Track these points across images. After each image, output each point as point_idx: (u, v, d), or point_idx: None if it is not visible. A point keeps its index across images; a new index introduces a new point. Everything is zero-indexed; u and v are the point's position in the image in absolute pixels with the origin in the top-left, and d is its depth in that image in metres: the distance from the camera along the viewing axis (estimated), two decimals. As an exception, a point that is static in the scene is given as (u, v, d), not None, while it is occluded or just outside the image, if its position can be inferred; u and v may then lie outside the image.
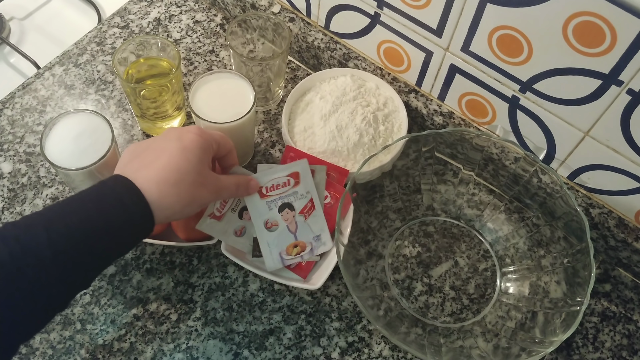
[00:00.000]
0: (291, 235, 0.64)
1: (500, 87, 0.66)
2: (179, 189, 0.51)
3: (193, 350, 0.63)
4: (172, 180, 0.50)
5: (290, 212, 0.63)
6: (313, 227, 0.64)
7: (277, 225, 0.63)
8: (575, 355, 0.66)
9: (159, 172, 0.50)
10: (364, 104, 0.72)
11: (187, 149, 0.52)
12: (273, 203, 0.63)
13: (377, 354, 0.64)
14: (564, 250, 0.64)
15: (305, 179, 0.64)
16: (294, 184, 0.63)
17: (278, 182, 0.63)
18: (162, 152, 0.52)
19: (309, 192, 0.64)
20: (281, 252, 0.64)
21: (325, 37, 0.79)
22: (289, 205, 0.63)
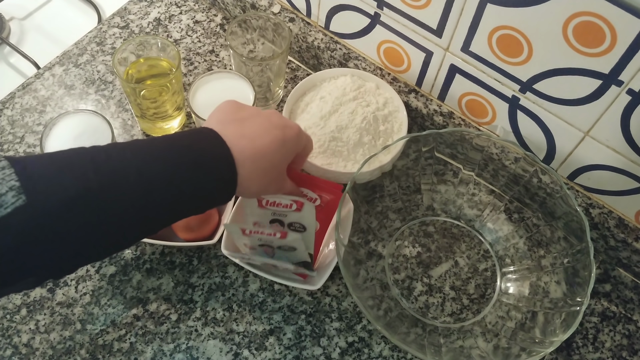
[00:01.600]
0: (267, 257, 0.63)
1: (500, 87, 0.66)
2: (263, 177, 0.52)
3: (193, 351, 0.63)
4: (263, 167, 0.51)
5: (279, 227, 0.63)
6: (291, 256, 0.62)
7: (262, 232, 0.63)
8: (575, 355, 0.66)
9: (256, 151, 0.51)
10: (364, 104, 0.72)
11: (286, 144, 0.53)
12: (268, 212, 0.63)
13: (377, 354, 0.64)
14: (564, 251, 0.64)
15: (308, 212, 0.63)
16: (296, 209, 0.63)
17: (280, 202, 0.62)
18: (264, 132, 0.52)
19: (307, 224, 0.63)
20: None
21: (325, 37, 0.79)
22: (281, 222, 0.63)
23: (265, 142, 0.51)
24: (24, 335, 0.63)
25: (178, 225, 0.66)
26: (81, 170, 0.43)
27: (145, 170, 0.45)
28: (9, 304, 0.65)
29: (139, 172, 0.45)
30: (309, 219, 0.62)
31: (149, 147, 0.47)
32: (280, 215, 0.62)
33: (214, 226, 0.67)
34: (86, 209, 0.42)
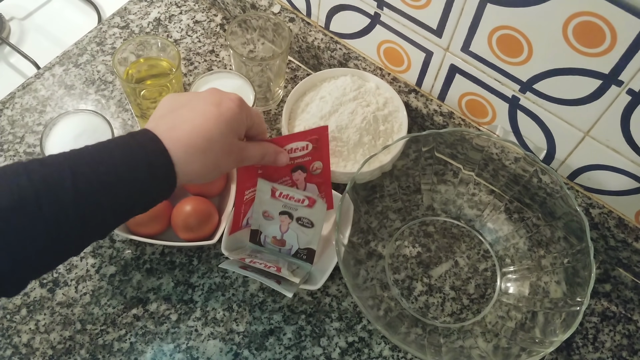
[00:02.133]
0: (279, 232, 0.66)
1: (500, 87, 0.66)
2: (205, 157, 0.50)
3: (193, 351, 0.63)
4: (201, 147, 0.50)
5: (288, 219, 0.64)
6: (300, 237, 0.65)
7: (272, 217, 0.65)
8: (575, 355, 0.66)
9: (190, 135, 0.50)
10: (364, 104, 0.72)
11: (223, 118, 0.51)
12: (279, 203, 0.64)
13: (377, 354, 0.64)
14: (564, 251, 0.64)
15: (318, 212, 0.64)
16: (307, 204, 0.63)
17: (293, 195, 0.63)
18: (198, 114, 0.51)
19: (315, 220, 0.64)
20: (266, 236, 0.66)
21: (325, 37, 0.79)
22: (290, 214, 0.64)
23: (197, 123, 0.51)
24: (24, 335, 0.63)
25: (178, 225, 0.66)
26: (14, 178, 0.42)
27: (80, 174, 0.44)
28: (9, 304, 0.65)
29: (74, 175, 0.44)
30: (318, 217, 0.63)
31: (82, 152, 0.47)
32: (290, 208, 0.63)
33: (214, 226, 0.67)
34: (22, 217, 0.42)
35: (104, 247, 0.69)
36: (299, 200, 0.63)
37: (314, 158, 0.65)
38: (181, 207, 0.66)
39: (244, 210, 0.67)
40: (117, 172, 0.46)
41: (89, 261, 0.68)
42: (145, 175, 0.48)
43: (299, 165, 0.65)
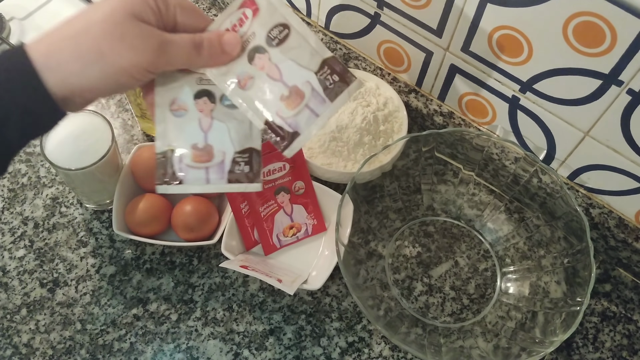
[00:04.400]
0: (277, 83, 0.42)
1: (500, 87, 0.66)
2: (76, 41, 0.38)
3: (193, 350, 0.63)
4: (70, 33, 0.39)
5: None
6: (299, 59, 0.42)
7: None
8: (575, 355, 0.66)
9: (57, 29, 0.39)
10: (364, 104, 0.72)
11: (105, 1, 0.39)
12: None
13: (377, 354, 0.64)
14: (564, 251, 0.64)
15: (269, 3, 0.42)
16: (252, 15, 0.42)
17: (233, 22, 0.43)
18: (82, 9, 0.40)
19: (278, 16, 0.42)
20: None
21: (325, 37, 0.79)
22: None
23: (73, 15, 0.40)
24: (24, 335, 0.63)
25: (178, 225, 0.66)
26: None
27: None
28: (9, 304, 0.65)
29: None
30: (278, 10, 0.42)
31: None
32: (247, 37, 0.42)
33: (214, 226, 0.67)
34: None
35: (104, 247, 0.69)
36: (241, 19, 0.43)
37: (294, 178, 0.65)
38: (181, 207, 0.66)
39: (249, 224, 0.67)
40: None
41: (89, 261, 0.68)
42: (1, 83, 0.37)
43: (281, 186, 0.64)
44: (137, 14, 0.39)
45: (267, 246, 0.68)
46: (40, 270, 0.67)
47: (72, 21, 0.39)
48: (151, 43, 0.39)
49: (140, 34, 0.39)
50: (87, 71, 0.38)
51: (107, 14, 0.38)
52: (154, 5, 0.40)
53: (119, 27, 0.38)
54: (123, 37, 0.38)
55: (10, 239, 0.69)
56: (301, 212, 0.69)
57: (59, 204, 0.71)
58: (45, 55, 0.38)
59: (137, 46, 0.39)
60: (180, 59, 0.41)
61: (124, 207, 0.66)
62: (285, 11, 0.41)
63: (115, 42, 0.38)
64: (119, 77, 0.39)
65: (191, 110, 0.42)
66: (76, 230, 0.70)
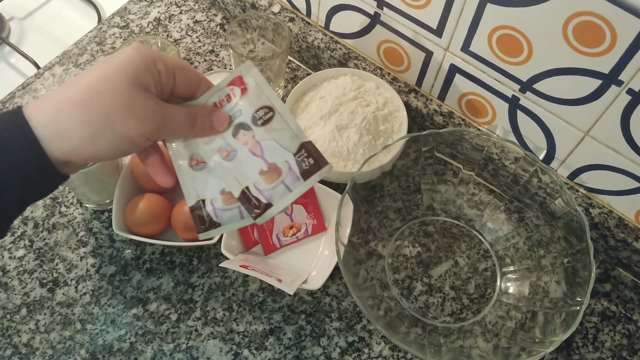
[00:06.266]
0: (258, 159, 0.45)
1: (500, 87, 0.66)
2: (85, 111, 0.38)
3: (193, 350, 0.63)
4: (78, 99, 0.38)
5: (245, 132, 0.46)
6: (280, 139, 0.45)
7: (234, 150, 0.46)
8: (575, 355, 0.66)
9: (63, 91, 0.39)
10: (364, 104, 0.72)
11: (112, 66, 0.39)
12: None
13: (377, 353, 0.64)
14: (564, 250, 0.64)
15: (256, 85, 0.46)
16: (241, 91, 0.46)
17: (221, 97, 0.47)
18: (83, 73, 0.40)
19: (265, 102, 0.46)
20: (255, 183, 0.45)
21: (325, 37, 0.79)
22: (242, 125, 0.46)
23: (82, 77, 0.39)
24: (24, 335, 0.63)
25: (178, 225, 0.66)
26: None
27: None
28: (9, 303, 0.65)
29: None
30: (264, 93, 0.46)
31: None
32: (233, 114, 0.46)
33: (214, 226, 0.67)
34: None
35: (104, 247, 0.69)
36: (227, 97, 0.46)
37: None
38: (181, 207, 0.66)
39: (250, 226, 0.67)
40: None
41: (89, 261, 0.68)
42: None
43: None
44: (141, 83, 0.40)
45: (267, 246, 0.68)
46: (40, 270, 0.67)
47: (76, 86, 0.39)
48: (156, 115, 0.41)
49: (146, 106, 0.40)
50: (96, 139, 0.39)
51: (114, 82, 0.39)
52: (156, 73, 0.41)
53: (127, 97, 0.39)
54: (131, 107, 0.39)
55: (10, 238, 0.69)
56: (301, 212, 0.69)
57: (58, 203, 0.71)
58: (53, 122, 0.38)
59: (144, 118, 0.40)
60: (176, 131, 0.43)
61: (124, 207, 0.66)
62: (271, 95, 0.46)
63: (124, 112, 0.39)
64: (124, 144, 0.40)
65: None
66: (76, 230, 0.70)
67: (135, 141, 0.41)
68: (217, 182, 0.46)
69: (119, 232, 0.64)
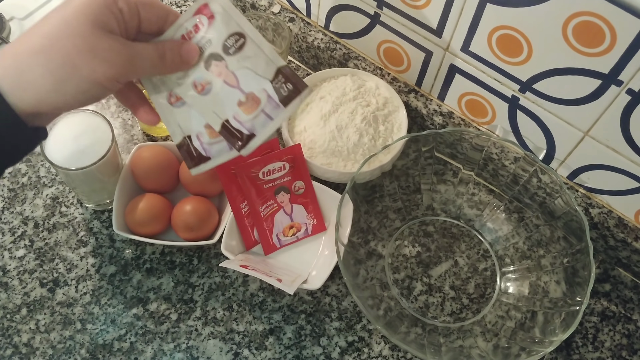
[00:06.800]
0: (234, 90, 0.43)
1: (500, 87, 0.66)
2: (46, 57, 0.37)
3: (193, 350, 0.63)
4: (36, 47, 0.37)
5: (217, 62, 0.44)
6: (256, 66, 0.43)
7: (208, 83, 0.44)
8: (575, 355, 0.66)
9: (22, 42, 0.38)
10: (363, 104, 0.72)
11: (69, 11, 0.38)
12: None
13: (377, 353, 0.64)
14: (564, 250, 0.64)
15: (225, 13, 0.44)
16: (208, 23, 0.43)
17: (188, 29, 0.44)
18: (40, 22, 0.39)
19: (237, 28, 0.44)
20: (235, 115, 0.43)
21: (325, 37, 0.79)
22: (214, 55, 0.44)
23: (39, 26, 0.38)
24: (24, 335, 0.63)
25: (178, 225, 0.66)
26: None
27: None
28: (9, 303, 0.65)
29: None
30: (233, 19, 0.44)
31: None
32: (202, 45, 0.44)
33: (214, 226, 0.67)
34: None
35: (104, 247, 0.69)
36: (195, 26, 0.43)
37: (294, 177, 0.65)
38: (181, 207, 0.66)
39: (249, 223, 0.67)
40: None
41: (89, 261, 0.68)
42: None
43: (281, 186, 0.64)
44: (103, 24, 0.39)
45: (267, 246, 0.68)
46: (40, 270, 0.67)
47: (35, 34, 0.38)
48: (122, 56, 0.39)
49: (110, 48, 0.39)
50: (61, 87, 0.38)
51: (73, 26, 0.37)
52: (117, 12, 0.40)
53: (89, 40, 0.38)
54: (94, 51, 0.38)
55: (11, 238, 0.69)
56: (301, 212, 0.69)
57: (59, 203, 0.71)
58: (14, 74, 0.37)
59: (109, 59, 0.39)
60: (146, 69, 0.42)
61: (124, 207, 0.67)
62: (240, 20, 0.43)
63: (87, 56, 0.38)
64: (92, 89, 0.39)
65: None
66: (76, 230, 0.70)
67: (104, 84, 0.40)
68: (199, 117, 0.44)
69: (119, 232, 0.64)
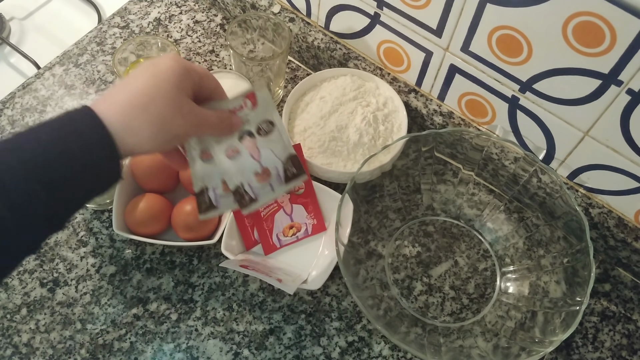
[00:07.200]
0: (255, 162, 0.55)
1: (500, 87, 0.66)
2: (147, 112, 0.45)
3: (193, 350, 0.63)
4: (140, 104, 0.45)
5: (250, 138, 0.55)
6: (275, 150, 0.55)
7: (237, 152, 0.54)
8: (575, 355, 0.66)
9: (125, 97, 0.45)
10: (363, 104, 0.72)
11: (160, 74, 0.47)
12: None
13: (377, 353, 0.64)
14: (564, 250, 0.64)
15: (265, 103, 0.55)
16: (252, 104, 0.54)
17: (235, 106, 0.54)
18: (132, 79, 0.47)
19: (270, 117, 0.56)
20: (249, 182, 0.54)
21: (325, 37, 0.79)
22: (248, 132, 0.55)
23: (133, 83, 0.46)
24: (24, 335, 0.63)
25: (178, 225, 0.66)
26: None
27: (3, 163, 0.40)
28: (9, 303, 0.65)
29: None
30: (268, 109, 0.55)
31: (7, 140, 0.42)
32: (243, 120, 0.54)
33: (214, 226, 0.68)
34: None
35: (104, 247, 0.69)
36: (241, 107, 0.54)
37: None
38: (181, 207, 0.66)
39: (249, 224, 0.67)
40: (48, 156, 0.41)
41: (89, 261, 0.68)
42: (79, 149, 0.42)
43: None
44: (184, 90, 0.48)
45: (267, 246, 0.68)
46: (40, 270, 0.67)
47: (133, 90, 0.45)
48: (197, 117, 0.49)
49: (189, 110, 0.48)
50: (155, 136, 0.46)
51: (166, 90, 0.46)
52: (191, 79, 0.49)
53: (177, 102, 0.47)
54: (180, 112, 0.47)
55: (11, 238, 0.69)
56: (301, 212, 0.69)
57: (59, 203, 0.71)
58: (123, 121, 0.44)
59: (188, 119, 0.48)
60: (207, 130, 0.51)
61: (124, 207, 0.67)
62: (274, 112, 0.55)
63: (175, 114, 0.46)
64: (173, 140, 0.49)
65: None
66: (76, 230, 0.70)
67: (181, 137, 0.49)
68: (220, 175, 0.54)
69: (119, 232, 0.64)
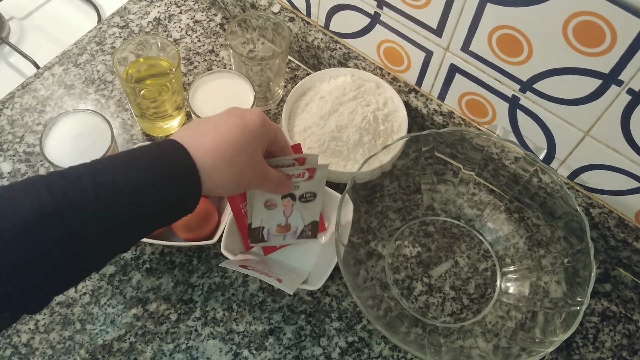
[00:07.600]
0: (283, 218, 0.64)
1: (500, 86, 0.66)
2: (231, 165, 0.49)
3: (193, 350, 0.63)
4: (227, 155, 0.49)
5: (291, 201, 0.63)
6: (304, 215, 0.64)
7: (275, 205, 0.62)
8: (575, 355, 0.66)
9: (216, 143, 0.49)
10: (363, 103, 0.72)
11: (247, 129, 0.51)
12: None
13: (377, 354, 0.64)
14: (564, 250, 0.64)
15: (319, 179, 0.62)
16: (308, 177, 0.61)
17: (292, 173, 0.61)
18: (222, 125, 0.51)
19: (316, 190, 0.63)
20: (269, 229, 0.64)
21: (325, 37, 0.79)
22: (292, 195, 0.62)
23: (222, 131, 0.50)
24: (23, 335, 0.63)
25: (178, 225, 0.66)
26: (35, 193, 0.41)
27: (101, 186, 0.43)
28: (9, 303, 0.65)
29: (95, 188, 0.42)
30: (319, 185, 0.62)
31: (103, 162, 0.45)
32: (295, 188, 0.61)
33: (214, 226, 0.67)
34: (44, 232, 0.40)
35: (103, 247, 0.69)
36: (300, 175, 0.60)
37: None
38: (181, 207, 0.66)
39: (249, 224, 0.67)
40: (140, 183, 0.45)
41: (88, 261, 0.68)
42: (169, 183, 0.46)
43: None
44: (261, 147, 0.53)
45: (267, 246, 0.68)
46: (39, 270, 0.67)
47: (226, 138, 0.50)
48: (263, 174, 0.54)
49: (262, 168, 0.54)
50: (230, 186, 0.51)
51: (249, 145, 0.51)
52: (267, 140, 0.54)
53: (254, 159, 0.52)
54: (255, 167, 0.52)
55: (10, 238, 0.68)
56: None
57: (58, 203, 0.71)
58: (210, 168, 0.48)
59: (259, 175, 0.54)
60: (266, 186, 0.56)
61: (123, 207, 0.66)
62: (322, 188, 0.63)
63: (250, 170, 0.52)
64: (241, 190, 0.55)
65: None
66: (76, 230, 0.69)
67: (246, 188, 0.57)
68: (276, 221, 0.64)
69: (119, 232, 0.64)
